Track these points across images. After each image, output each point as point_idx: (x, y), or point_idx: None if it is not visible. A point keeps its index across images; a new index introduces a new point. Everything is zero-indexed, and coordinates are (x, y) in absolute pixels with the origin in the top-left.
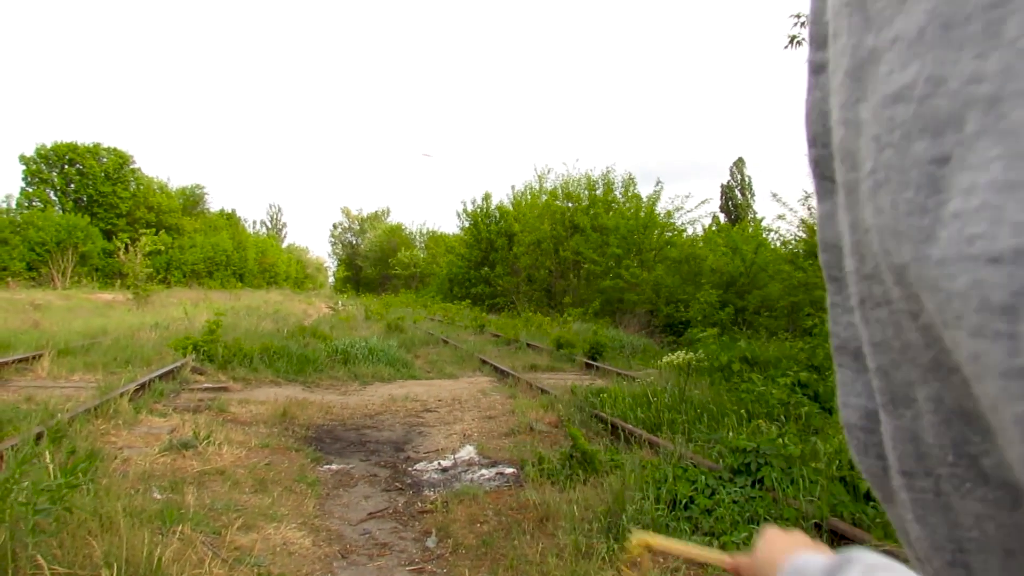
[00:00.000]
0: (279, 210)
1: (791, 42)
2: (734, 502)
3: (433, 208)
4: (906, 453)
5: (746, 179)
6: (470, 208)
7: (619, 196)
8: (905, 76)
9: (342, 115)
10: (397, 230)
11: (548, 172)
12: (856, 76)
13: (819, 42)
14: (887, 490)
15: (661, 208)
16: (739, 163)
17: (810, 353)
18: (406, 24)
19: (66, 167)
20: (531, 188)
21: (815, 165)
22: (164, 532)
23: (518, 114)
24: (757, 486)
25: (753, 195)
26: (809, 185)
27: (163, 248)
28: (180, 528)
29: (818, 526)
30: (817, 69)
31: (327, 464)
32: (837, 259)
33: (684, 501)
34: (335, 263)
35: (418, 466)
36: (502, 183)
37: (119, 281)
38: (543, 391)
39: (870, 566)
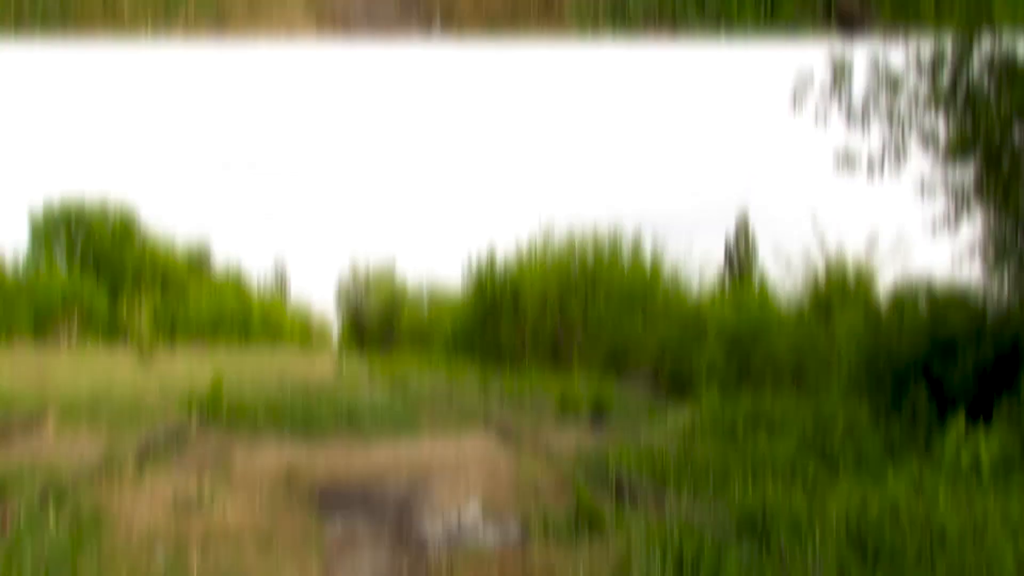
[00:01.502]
0: (284, 263)
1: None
2: (741, 563)
3: (439, 250)
4: None
5: (751, 234)
6: (474, 267)
7: (625, 253)
8: None
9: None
10: (402, 288)
11: (552, 228)
12: None
13: None
14: None
15: (665, 264)
16: (743, 218)
17: (816, 410)
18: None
19: (73, 226)
20: (535, 245)
21: None
22: None
23: (525, 153)
24: (764, 546)
25: (757, 250)
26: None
27: (165, 308)
28: None
29: None
30: None
31: (331, 523)
32: None
33: (691, 561)
34: (340, 321)
35: (423, 525)
36: (506, 225)
37: (124, 340)
38: (548, 449)
39: None
